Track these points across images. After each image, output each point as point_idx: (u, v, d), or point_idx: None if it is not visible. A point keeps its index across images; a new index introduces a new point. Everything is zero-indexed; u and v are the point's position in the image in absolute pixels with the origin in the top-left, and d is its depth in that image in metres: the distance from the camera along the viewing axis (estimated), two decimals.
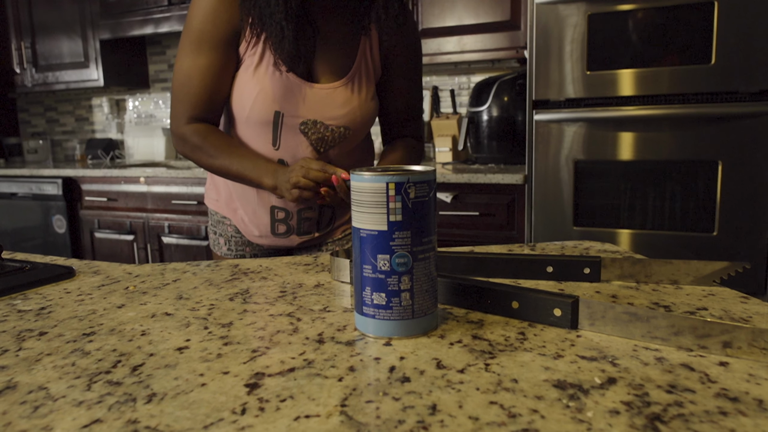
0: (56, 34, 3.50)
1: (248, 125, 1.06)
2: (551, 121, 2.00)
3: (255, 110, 1.04)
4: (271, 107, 1.03)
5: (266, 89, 1.02)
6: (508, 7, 2.34)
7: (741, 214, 1.82)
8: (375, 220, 0.49)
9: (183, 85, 1.04)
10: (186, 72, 1.04)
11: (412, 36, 1.13)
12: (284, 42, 0.98)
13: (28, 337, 0.53)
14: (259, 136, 1.06)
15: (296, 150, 1.07)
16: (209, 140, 1.04)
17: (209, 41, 1.01)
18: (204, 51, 1.02)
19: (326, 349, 0.48)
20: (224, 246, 1.20)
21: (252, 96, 1.03)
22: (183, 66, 1.04)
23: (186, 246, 2.88)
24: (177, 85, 1.05)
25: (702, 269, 0.64)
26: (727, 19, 1.76)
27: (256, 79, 1.02)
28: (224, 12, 1.00)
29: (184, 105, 1.05)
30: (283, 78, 1.01)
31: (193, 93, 1.04)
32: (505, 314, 0.55)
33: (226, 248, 1.20)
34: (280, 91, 1.02)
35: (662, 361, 0.44)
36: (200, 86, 1.03)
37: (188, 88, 1.04)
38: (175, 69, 1.06)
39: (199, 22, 1.01)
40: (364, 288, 0.50)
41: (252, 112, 1.04)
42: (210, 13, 1.01)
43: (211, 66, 1.02)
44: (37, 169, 3.22)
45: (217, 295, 0.64)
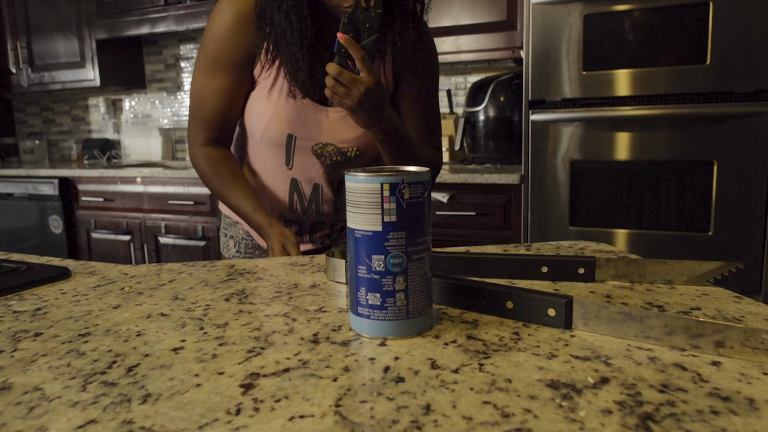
0: (52, 34, 3.49)
1: (262, 144, 1.07)
2: (547, 121, 2.01)
3: (268, 132, 1.05)
4: (284, 130, 1.04)
5: (279, 113, 1.03)
6: (505, 8, 2.35)
7: (736, 213, 1.82)
8: (369, 221, 0.49)
9: (197, 107, 1.06)
10: (201, 93, 1.04)
11: (428, 52, 1.10)
12: (299, 72, 0.98)
13: (23, 338, 0.53)
14: (272, 155, 1.08)
15: (309, 170, 1.08)
16: (217, 171, 1.05)
17: (224, 64, 1.02)
18: (219, 73, 1.02)
19: (321, 350, 0.48)
20: (233, 248, 1.20)
21: (265, 119, 1.04)
22: (198, 87, 1.05)
23: (183, 246, 2.88)
24: (192, 106, 1.07)
25: (696, 269, 0.65)
26: (722, 19, 1.76)
27: (269, 103, 1.03)
28: (240, 35, 1.01)
29: (198, 125, 1.07)
30: (296, 103, 1.02)
31: (207, 114, 1.05)
32: (499, 314, 0.55)
33: (234, 250, 1.20)
34: (293, 116, 1.03)
35: (655, 360, 0.44)
36: (214, 108, 1.04)
37: (202, 110, 1.05)
38: (190, 88, 1.07)
39: (215, 44, 1.02)
40: (359, 288, 0.50)
41: (265, 134, 1.05)
42: (226, 36, 1.01)
43: (226, 88, 1.03)
44: (33, 170, 3.21)
45: (212, 296, 0.65)
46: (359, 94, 0.91)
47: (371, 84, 0.91)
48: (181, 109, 3.66)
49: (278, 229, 1.00)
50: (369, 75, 0.91)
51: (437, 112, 1.17)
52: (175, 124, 3.70)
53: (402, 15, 1.01)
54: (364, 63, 0.90)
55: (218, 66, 1.02)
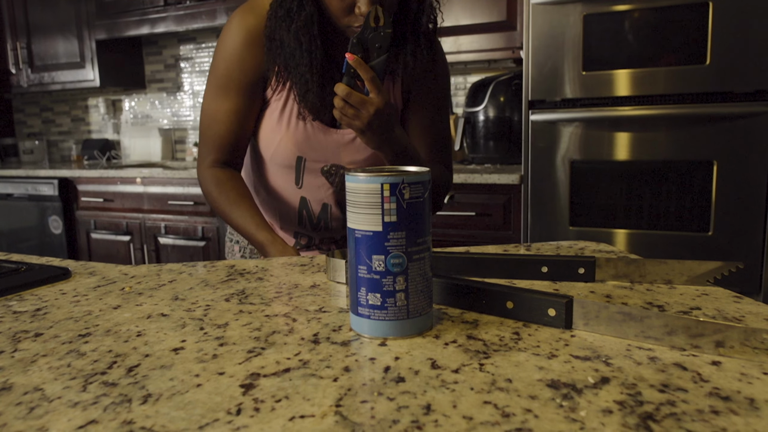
0: (52, 35, 3.49)
1: (272, 164, 1.07)
2: (547, 121, 2.01)
3: (277, 154, 1.05)
4: (293, 153, 1.04)
5: (289, 136, 1.03)
6: (504, 8, 2.35)
7: (736, 213, 1.82)
8: (370, 221, 0.49)
9: (208, 128, 1.04)
10: (211, 115, 1.03)
11: (439, 70, 1.09)
12: (309, 94, 0.97)
13: (23, 338, 0.53)
14: (283, 175, 1.07)
15: (318, 191, 1.08)
16: (223, 191, 1.03)
17: (235, 86, 1.01)
18: (230, 95, 1.01)
19: (321, 350, 0.48)
20: (238, 253, 1.21)
21: (275, 141, 1.04)
22: (209, 108, 1.04)
23: (182, 246, 2.88)
24: (202, 127, 1.05)
25: (696, 269, 0.65)
26: (722, 19, 1.76)
27: (279, 125, 1.03)
28: (251, 56, 1.00)
29: (207, 147, 1.05)
30: (306, 126, 1.02)
31: (217, 136, 1.03)
32: (499, 314, 0.55)
33: (239, 255, 1.20)
34: (302, 138, 1.02)
35: (655, 360, 0.44)
36: (224, 130, 1.03)
37: (212, 131, 1.04)
38: (201, 109, 1.06)
39: (225, 65, 1.01)
40: (359, 288, 0.50)
41: (275, 156, 1.05)
42: (236, 57, 1.00)
43: (237, 110, 1.02)
44: (33, 170, 3.21)
45: (212, 296, 0.65)
46: (369, 115, 0.89)
47: (381, 105, 0.90)
48: (180, 109, 3.67)
49: (280, 246, 0.97)
50: (379, 96, 0.90)
51: (447, 131, 1.15)
52: (175, 125, 3.70)
53: (414, 35, 0.99)
54: (374, 84, 0.89)
55: (229, 88, 1.01)
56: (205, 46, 3.50)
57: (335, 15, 0.93)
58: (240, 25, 1.00)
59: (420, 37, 1.00)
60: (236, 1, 2.89)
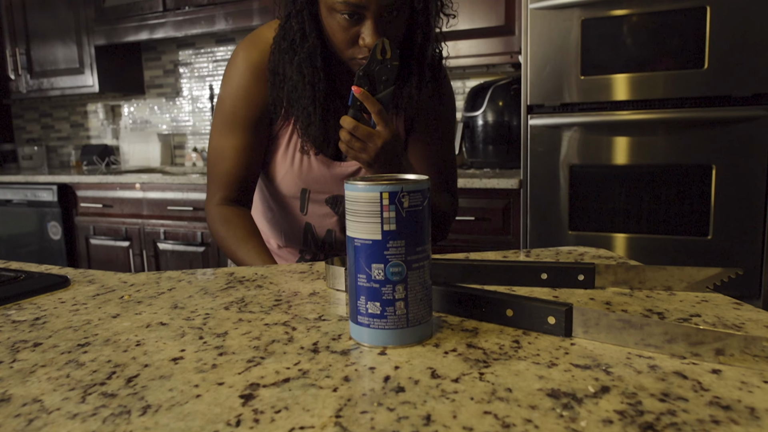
0: (51, 40, 3.50)
1: (279, 191, 1.07)
2: (546, 125, 2.01)
3: (282, 186, 1.05)
4: (297, 186, 1.04)
5: (293, 171, 1.03)
6: (503, 13, 2.35)
7: (735, 217, 1.82)
8: (369, 230, 0.49)
9: (215, 165, 1.03)
10: (218, 151, 1.02)
11: (444, 100, 1.08)
12: (311, 128, 0.96)
13: (22, 348, 0.53)
14: (289, 203, 1.08)
15: (323, 218, 1.08)
16: (231, 229, 1.01)
17: (242, 122, 1.00)
18: (236, 131, 1.01)
19: (321, 359, 0.48)
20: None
21: (280, 174, 1.04)
22: (216, 145, 1.03)
23: (182, 252, 2.88)
24: (210, 164, 1.05)
25: (695, 275, 0.65)
26: (720, 23, 1.77)
27: (284, 159, 1.03)
28: (256, 92, 0.99)
29: (215, 184, 1.04)
30: (310, 160, 1.01)
31: (224, 173, 1.03)
32: (499, 322, 0.55)
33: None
34: (306, 172, 1.02)
35: (655, 368, 0.44)
36: (231, 166, 1.02)
37: (219, 168, 1.03)
38: (208, 146, 1.05)
39: (232, 102, 1.00)
40: (358, 297, 0.50)
41: (280, 186, 1.05)
42: (242, 94, 0.99)
43: (244, 147, 1.01)
44: (32, 176, 3.21)
45: (212, 304, 0.64)
46: (376, 148, 0.89)
47: (388, 138, 0.89)
48: (179, 114, 3.67)
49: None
50: (386, 128, 0.89)
51: (453, 159, 1.14)
52: (174, 130, 3.70)
53: (419, 67, 0.98)
54: (381, 117, 0.88)
55: (235, 124, 1.00)
56: (204, 51, 3.51)
57: (338, 47, 0.92)
58: (245, 61, 0.99)
59: (425, 69, 0.98)
60: (234, 7, 2.90)
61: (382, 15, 0.88)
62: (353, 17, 0.88)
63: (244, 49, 1.01)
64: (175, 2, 3.04)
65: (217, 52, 3.47)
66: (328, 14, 0.90)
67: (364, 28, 0.88)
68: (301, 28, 0.93)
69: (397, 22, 0.91)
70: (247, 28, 3.04)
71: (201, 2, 2.98)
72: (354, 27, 0.89)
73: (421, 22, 0.94)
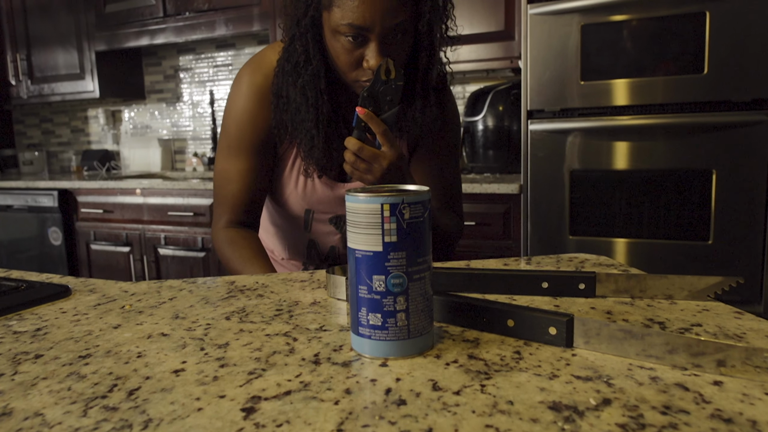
0: (52, 46, 3.50)
1: (283, 210, 1.08)
2: (546, 131, 2.01)
3: (287, 205, 1.05)
4: (301, 206, 1.05)
5: (298, 192, 1.03)
6: (502, 18, 2.36)
7: (736, 222, 1.82)
8: (370, 241, 0.49)
9: (221, 188, 1.04)
10: (224, 175, 1.03)
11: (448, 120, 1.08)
12: (314, 150, 0.96)
13: (23, 360, 0.53)
14: (293, 220, 1.08)
15: (326, 236, 1.08)
16: (237, 250, 1.00)
17: (247, 146, 1.00)
18: (241, 155, 1.01)
19: (322, 371, 0.48)
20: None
21: (284, 194, 1.05)
22: (222, 168, 1.03)
23: (182, 257, 2.88)
24: (216, 187, 1.05)
25: (696, 284, 0.65)
26: (719, 29, 1.77)
27: (288, 181, 1.03)
28: (262, 116, 0.99)
29: (222, 207, 1.04)
30: (314, 183, 1.02)
31: (231, 196, 1.03)
32: (500, 332, 0.55)
33: None
34: (310, 194, 1.03)
35: (657, 380, 0.44)
36: (237, 189, 1.02)
37: (226, 191, 1.03)
38: (214, 168, 1.05)
39: (237, 126, 1.00)
40: (359, 308, 0.50)
41: (284, 206, 1.06)
42: (247, 117, 0.99)
43: (249, 170, 1.01)
44: (32, 182, 3.21)
45: (213, 314, 0.64)
46: (381, 169, 0.88)
47: (393, 158, 0.88)
48: (180, 119, 3.67)
49: None
50: (391, 149, 0.88)
51: (458, 178, 1.14)
52: (175, 135, 3.71)
53: (423, 90, 0.97)
54: (386, 137, 0.88)
55: (241, 148, 1.00)
56: (204, 56, 3.52)
57: (342, 69, 0.92)
58: (249, 85, 0.99)
59: (430, 92, 0.98)
60: (234, 13, 2.91)
61: (386, 37, 0.87)
62: (357, 39, 0.87)
63: (248, 73, 1.00)
64: (176, 8, 3.05)
65: (217, 58, 3.48)
66: (332, 37, 0.90)
67: (368, 51, 0.88)
68: (305, 50, 0.92)
69: (402, 45, 0.90)
70: (248, 33, 3.05)
71: (201, 8, 2.99)
72: (358, 49, 0.89)
73: (425, 45, 0.94)
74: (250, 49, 3.36)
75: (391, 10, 0.86)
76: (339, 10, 0.86)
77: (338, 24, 0.87)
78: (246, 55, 3.38)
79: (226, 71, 3.47)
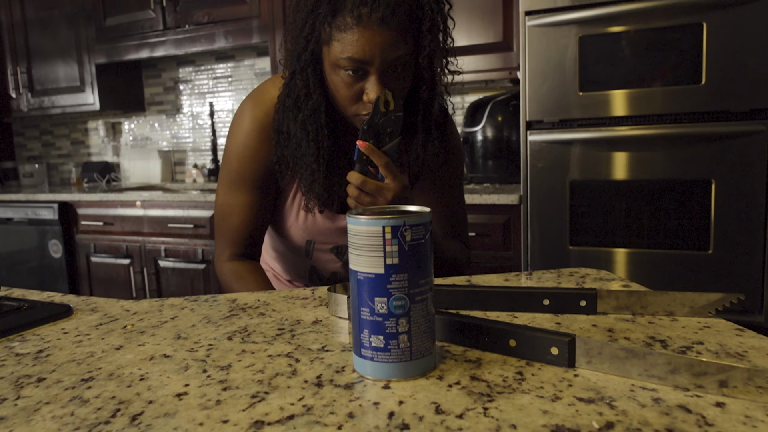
0: (52, 59, 3.52)
1: (284, 239, 1.08)
2: (545, 141, 2.02)
3: (288, 236, 1.06)
4: (302, 237, 1.05)
5: (299, 224, 1.03)
6: (500, 30, 2.37)
7: (736, 232, 1.83)
8: (372, 263, 0.49)
9: (223, 221, 1.03)
10: (226, 208, 1.03)
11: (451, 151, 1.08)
12: (315, 185, 0.96)
13: (26, 384, 0.53)
14: (294, 248, 1.08)
15: (327, 263, 1.09)
16: (245, 285, 1.00)
17: (249, 180, 1.00)
18: (243, 189, 1.01)
19: (325, 394, 0.48)
20: None
21: (285, 225, 1.05)
22: (224, 203, 1.03)
23: (183, 269, 2.87)
24: (218, 220, 1.05)
25: (697, 300, 0.65)
26: (716, 39, 1.78)
27: (289, 214, 1.04)
28: (264, 151, 0.99)
29: (224, 240, 1.04)
30: (315, 216, 1.02)
31: (234, 230, 1.03)
32: (502, 352, 0.55)
33: None
34: (311, 226, 1.03)
35: (659, 402, 0.44)
36: (239, 223, 1.02)
37: (229, 225, 1.03)
38: (216, 201, 1.05)
39: (239, 161, 1.00)
40: (362, 330, 0.51)
41: (286, 236, 1.06)
42: (249, 153, 0.99)
43: (251, 204, 1.01)
44: (33, 194, 3.22)
45: (215, 334, 0.65)
46: (386, 201, 0.87)
47: (397, 190, 0.88)
48: (180, 131, 3.68)
49: None
50: (395, 181, 0.88)
51: (462, 207, 1.13)
52: (175, 147, 3.71)
53: (425, 125, 0.97)
54: (389, 169, 0.87)
55: (243, 183, 1.00)
56: (204, 68, 3.53)
57: (342, 104, 0.92)
58: (251, 121, 0.99)
59: (431, 126, 0.98)
60: (234, 25, 2.92)
61: (386, 71, 0.88)
62: (357, 73, 0.87)
63: (250, 108, 1.00)
64: (176, 21, 3.07)
65: (217, 69, 3.49)
66: (332, 71, 0.90)
67: (368, 84, 0.88)
68: (305, 85, 0.92)
69: (402, 79, 0.90)
70: (247, 45, 3.06)
71: (201, 21, 3.00)
72: (358, 83, 0.89)
73: (426, 78, 0.94)
74: (249, 61, 3.38)
75: (391, 44, 0.85)
76: (339, 44, 0.86)
77: (338, 58, 0.87)
78: (245, 66, 3.40)
79: (226, 83, 3.48)
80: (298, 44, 0.92)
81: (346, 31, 0.85)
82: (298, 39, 0.91)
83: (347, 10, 0.84)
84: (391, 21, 0.84)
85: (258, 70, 3.37)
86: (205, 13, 2.98)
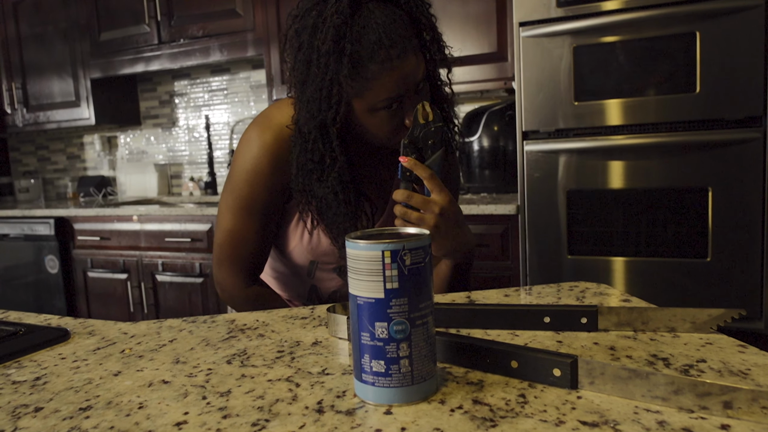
0: (47, 74, 3.52)
1: (287, 259, 1.07)
2: (542, 151, 2.02)
3: (291, 257, 1.05)
4: (306, 258, 1.04)
5: (303, 245, 1.03)
6: (495, 40, 2.38)
7: (733, 239, 1.83)
8: (371, 288, 0.49)
9: (238, 248, 1.00)
10: (240, 235, 0.99)
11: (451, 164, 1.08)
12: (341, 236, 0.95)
13: (23, 414, 0.52)
14: (296, 268, 1.08)
15: (329, 282, 1.08)
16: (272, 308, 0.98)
17: (261, 207, 0.98)
18: (255, 215, 0.99)
19: (326, 420, 0.47)
20: None
21: (289, 246, 1.04)
22: (236, 228, 0.99)
23: (180, 284, 2.86)
24: (230, 246, 1.00)
25: (699, 316, 0.65)
26: (710, 48, 1.79)
27: (294, 233, 1.03)
28: (276, 179, 0.97)
29: (240, 266, 1.01)
30: (319, 236, 1.01)
31: (249, 257, 1.01)
32: (504, 374, 0.55)
33: None
34: (315, 246, 1.03)
35: (664, 425, 0.44)
36: (255, 249, 1.01)
37: (243, 252, 1.00)
38: (222, 226, 1.01)
39: (250, 187, 0.97)
40: (362, 355, 0.50)
41: (289, 257, 1.06)
42: (261, 180, 0.97)
43: (264, 228, 1.00)
44: (29, 210, 3.21)
45: (214, 357, 0.64)
46: (434, 216, 0.85)
47: (445, 203, 0.86)
48: (176, 144, 3.68)
49: None
50: (441, 194, 0.86)
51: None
52: (171, 160, 3.71)
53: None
54: (434, 182, 0.86)
55: (255, 209, 0.98)
56: (199, 81, 3.53)
57: (386, 138, 0.91)
58: (260, 146, 0.96)
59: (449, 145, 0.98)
60: (229, 39, 2.93)
61: (416, 92, 0.89)
62: (393, 107, 0.87)
63: (258, 134, 0.97)
64: (170, 35, 3.07)
65: (212, 82, 3.49)
66: (368, 116, 0.88)
67: (405, 110, 0.88)
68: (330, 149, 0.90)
69: (425, 92, 0.92)
70: (242, 58, 3.06)
71: (196, 35, 3.01)
72: (397, 115, 0.89)
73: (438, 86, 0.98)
74: (245, 74, 3.38)
75: (414, 68, 0.87)
76: (372, 93, 0.86)
77: (375, 103, 0.86)
78: (241, 79, 3.40)
79: (221, 96, 3.48)
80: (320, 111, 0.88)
81: (375, 79, 0.84)
82: (312, 104, 0.88)
83: (366, 59, 0.83)
84: (409, 49, 0.85)
85: (253, 83, 3.37)
86: (199, 27, 2.99)
